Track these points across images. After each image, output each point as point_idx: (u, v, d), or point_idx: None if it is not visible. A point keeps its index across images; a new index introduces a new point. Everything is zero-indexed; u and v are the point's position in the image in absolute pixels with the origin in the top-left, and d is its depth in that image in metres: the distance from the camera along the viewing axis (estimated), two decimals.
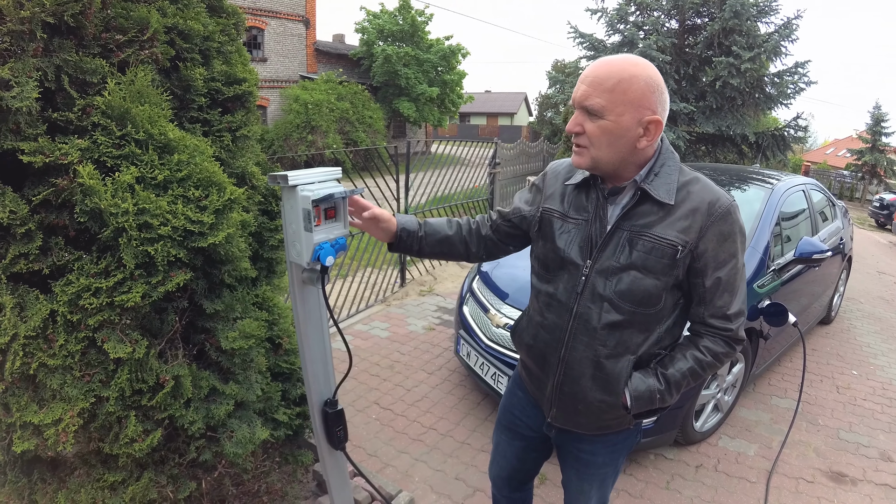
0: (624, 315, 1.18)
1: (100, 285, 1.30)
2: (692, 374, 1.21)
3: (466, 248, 1.43)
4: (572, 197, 1.27)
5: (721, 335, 1.20)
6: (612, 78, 1.08)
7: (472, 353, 2.99)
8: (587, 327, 1.21)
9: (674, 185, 1.15)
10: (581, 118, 1.13)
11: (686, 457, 2.75)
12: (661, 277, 1.15)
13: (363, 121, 15.00)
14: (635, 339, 1.20)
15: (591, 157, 1.15)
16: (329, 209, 1.44)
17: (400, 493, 2.33)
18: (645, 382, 1.21)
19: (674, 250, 1.13)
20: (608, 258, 1.18)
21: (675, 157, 1.20)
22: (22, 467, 1.61)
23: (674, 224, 1.14)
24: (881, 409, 3.38)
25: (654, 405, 1.23)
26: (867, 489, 2.58)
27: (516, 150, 6.54)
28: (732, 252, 1.16)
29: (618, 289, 1.17)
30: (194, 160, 1.45)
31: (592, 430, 1.34)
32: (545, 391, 1.35)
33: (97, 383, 1.39)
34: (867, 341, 4.54)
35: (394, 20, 18.92)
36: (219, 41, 1.82)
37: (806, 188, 3.91)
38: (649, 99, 1.09)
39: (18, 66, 1.26)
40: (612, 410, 1.26)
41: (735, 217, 1.15)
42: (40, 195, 1.32)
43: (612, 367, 1.21)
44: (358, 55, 19.20)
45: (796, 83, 10.24)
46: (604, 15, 11.18)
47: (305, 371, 1.77)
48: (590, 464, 1.40)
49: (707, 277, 1.16)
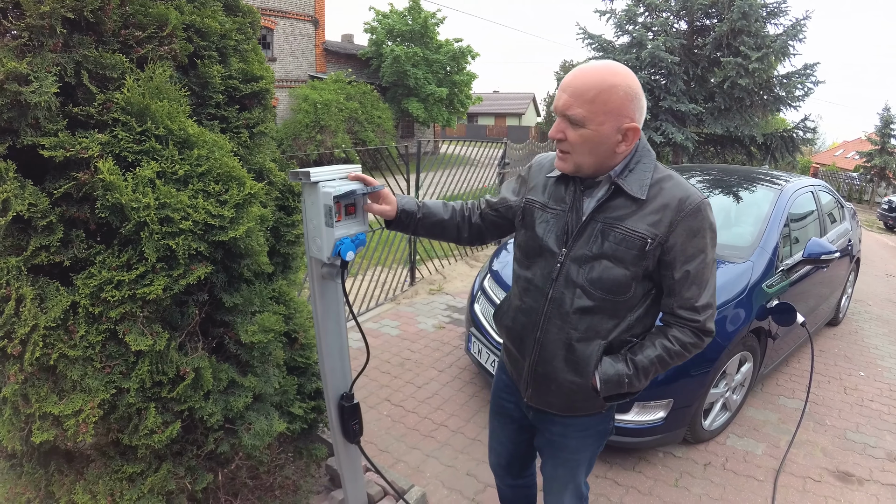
0: (594, 301, 1.25)
1: (122, 278, 1.32)
2: (660, 362, 1.27)
3: (458, 233, 1.51)
4: (552, 188, 1.34)
5: (689, 326, 1.26)
6: (593, 89, 1.13)
7: (484, 350, 3.00)
8: (560, 311, 1.28)
9: (647, 182, 1.21)
10: (563, 125, 1.19)
11: (695, 455, 2.75)
12: (630, 267, 1.22)
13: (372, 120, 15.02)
14: (605, 325, 1.27)
15: (573, 162, 1.22)
16: (349, 205, 1.47)
17: (412, 487, 2.34)
18: (614, 367, 1.27)
19: (643, 242, 1.20)
20: (582, 247, 1.25)
21: (651, 155, 1.26)
22: (39, 459, 1.63)
23: (644, 218, 1.20)
24: (888, 410, 3.36)
25: (622, 389, 1.29)
26: (874, 489, 2.57)
27: (525, 151, 6.55)
28: (701, 247, 1.21)
29: (590, 276, 1.24)
30: (213, 155, 1.47)
31: (564, 411, 1.40)
32: (522, 372, 1.42)
33: (117, 375, 1.41)
34: (875, 343, 4.51)
35: (403, 20, 18.93)
36: (236, 39, 1.84)
37: (814, 189, 3.90)
38: (628, 108, 1.15)
39: (37, 61, 1.28)
40: (581, 392, 1.32)
41: (705, 214, 1.21)
42: (61, 188, 1.34)
43: (582, 350, 1.28)
44: (367, 55, 19.24)
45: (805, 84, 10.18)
46: (612, 16, 11.19)
47: (322, 365, 1.79)
48: (563, 447, 1.46)
49: (676, 270, 1.22)
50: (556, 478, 1.51)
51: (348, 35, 21.76)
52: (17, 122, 1.28)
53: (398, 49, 17.85)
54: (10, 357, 1.35)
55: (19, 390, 1.36)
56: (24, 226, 1.34)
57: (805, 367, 3.76)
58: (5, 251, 1.32)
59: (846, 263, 4.36)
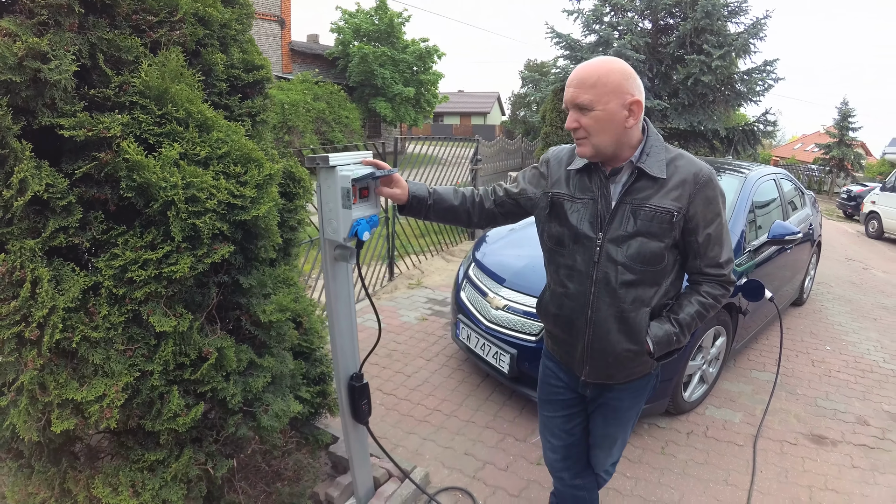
0: (636, 274, 1.38)
1: (149, 257, 1.32)
2: (698, 316, 1.44)
3: (468, 218, 1.59)
4: (576, 180, 1.45)
5: (717, 280, 1.43)
6: (593, 76, 1.28)
7: (473, 335, 3.08)
8: (608, 288, 1.40)
9: (663, 162, 1.36)
10: (576, 115, 1.32)
11: (677, 425, 2.92)
12: (663, 239, 1.36)
13: (340, 121, 14.86)
14: (648, 293, 1.41)
15: (591, 145, 1.33)
16: (363, 189, 1.53)
17: (415, 468, 2.39)
18: (662, 328, 1.42)
19: (670, 215, 1.34)
20: (616, 229, 1.38)
21: (660, 138, 1.41)
22: (49, 456, 1.58)
23: (668, 194, 1.35)
24: (854, 379, 3.65)
25: (672, 346, 1.44)
26: (847, 449, 2.81)
27: (496, 148, 6.71)
28: (717, 211, 1.38)
29: (629, 253, 1.37)
30: (231, 138, 1.49)
31: (622, 380, 1.52)
32: (575, 353, 1.52)
33: (139, 357, 1.40)
34: (839, 321, 4.86)
35: (370, 20, 18.82)
36: (235, 29, 1.85)
37: (776, 178, 4.18)
38: (625, 85, 1.28)
39: (56, 39, 1.27)
40: (637, 358, 1.46)
41: (715, 182, 1.37)
42: (82, 168, 1.32)
43: (633, 319, 1.40)
44: (334, 55, 19.04)
45: (765, 80, 10.68)
46: (580, 16, 11.40)
47: (334, 345, 1.83)
48: (617, 409, 1.59)
49: (699, 234, 1.37)
50: (607, 435, 1.64)
51: (314, 35, 21.47)
52: (33, 101, 1.26)
53: (365, 48, 17.74)
54: (27, 343, 1.31)
55: (36, 378, 1.33)
56: (41, 207, 1.31)
57: (773, 344, 4.03)
58: (21, 234, 1.30)
59: (808, 247, 4.68)
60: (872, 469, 2.64)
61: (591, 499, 1.81)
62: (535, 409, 3.01)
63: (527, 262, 3.18)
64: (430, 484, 2.42)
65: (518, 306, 2.90)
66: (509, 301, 2.95)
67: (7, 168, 1.25)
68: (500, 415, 2.98)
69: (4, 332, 1.26)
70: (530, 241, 3.57)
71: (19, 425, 1.35)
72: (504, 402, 3.09)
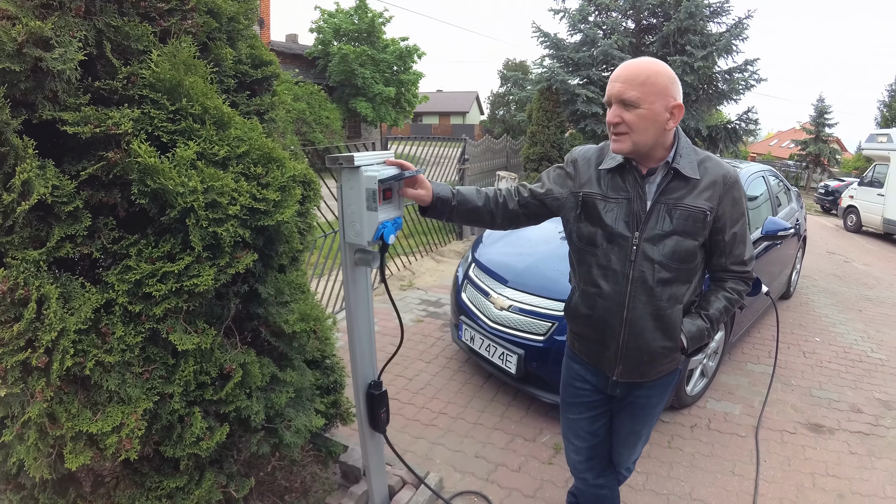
0: (672, 273, 1.39)
1: (169, 269, 1.20)
2: (725, 311, 1.48)
3: (492, 219, 1.56)
4: (608, 179, 1.44)
5: (741, 276, 1.47)
6: (643, 74, 1.28)
7: (477, 336, 3.02)
8: (645, 287, 1.40)
9: (695, 164, 1.38)
10: (619, 111, 1.31)
11: (681, 419, 2.95)
12: (697, 238, 1.38)
13: (320, 121, 14.51)
14: (681, 290, 1.43)
15: (632, 141, 1.32)
16: (387, 190, 1.45)
17: (428, 474, 2.32)
18: (695, 324, 1.45)
19: (704, 215, 1.37)
20: (653, 228, 1.38)
21: (688, 140, 1.42)
22: (55, 487, 1.42)
23: (701, 194, 1.37)
24: (845, 369, 3.77)
25: (703, 341, 1.47)
26: (844, 436, 2.89)
27: (482, 147, 6.68)
28: (742, 211, 1.43)
29: (665, 252, 1.38)
30: (250, 136, 1.37)
31: (653, 377, 1.52)
32: (607, 353, 1.49)
33: (157, 380, 1.28)
34: (825, 312, 5.02)
35: (350, 20, 18.46)
36: (243, 24, 1.73)
37: (765, 175, 4.28)
38: (671, 89, 1.29)
39: (61, 24, 1.13)
40: (671, 354, 1.47)
41: (740, 184, 1.42)
42: (88, 170, 1.18)
43: (670, 316, 1.42)
44: (313, 55, 18.61)
45: (747, 80, 10.83)
46: (566, 15, 11.32)
47: (353, 352, 1.74)
48: (646, 406, 1.59)
49: (726, 233, 1.41)
50: (633, 432, 1.64)
51: (293, 35, 20.94)
52: (33, 93, 1.12)
53: (346, 48, 17.39)
54: (33, 371, 1.17)
55: (45, 409, 1.19)
56: (45, 213, 1.17)
57: (765, 336, 4.14)
58: (23, 243, 1.15)
59: (795, 242, 4.81)
60: (870, 454, 2.73)
61: (612, 497, 1.81)
62: (541, 408, 2.98)
63: (529, 261, 3.14)
64: (445, 489, 2.35)
65: (523, 306, 2.85)
66: (514, 301, 2.91)
67: (7, 168, 1.10)
68: (506, 415, 2.93)
69: (7, 360, 1.11)
70: (529, 241, 3.55)
71: (28, 462, 1.21)
72: (510, 403, 3.05)
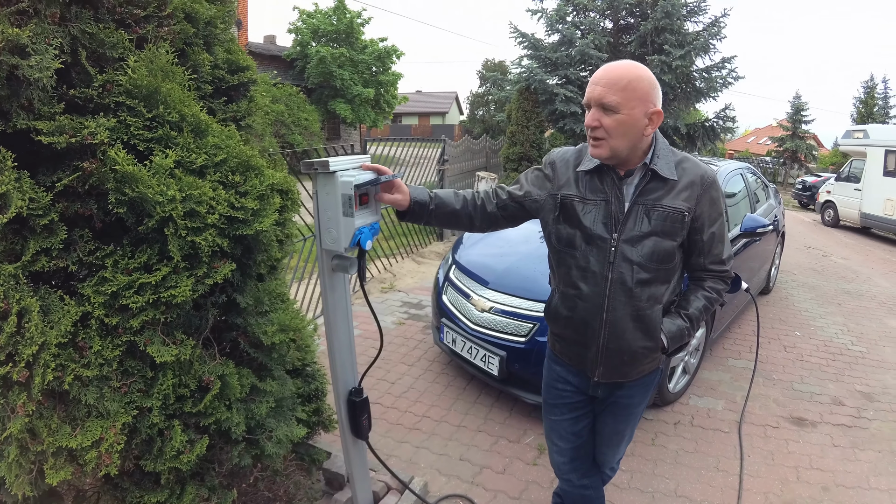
0: (651, 273, 1.40)
1: (146, 281, 1.18)
2: (705, 309, 1.51)
3: (470, 222, 1.56)
4: (586, 181, 1.44)
5: (720, 276, 1.50)
6: (624, 79, 1.27)
7: (459, 338, 3.03)
8: (624, 288, 1.40)
9: (672, 164, 1.39)
10: (598, 114, 1.30)
11: (664, 416, 3.00)
12: (675, 238, 1.39)
13: (299, 123, 14.37)
14: (660, 291, 1.44)
15: (609, 147, 1.32)
16: (363, 195, 1.44)
17: (413, 478, 2.32)
18: (675, 324, 1.46)
19: (682, 215, 1.38)
20: (631, 229, 1.39)
21: (665, 142, 1.43)
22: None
23: (678, 195, 1.38)
24: (826, 362, 3.86)
25: (683, 340, 1.48)
26: (826, 429, 2.96)
27: (461, 148, 6.70)
28: (720, 211, 1.44)
29: (643, 252, 1.38)
30: (227, 143, 1.36)
31: (634, 377, 1.54)
32: (588, 354, 1.51)
33: (136, 393, 1.25)
34: (805, 307, 5.13)
35: (328, 20, 18.33)
36: (219, 28, 1.70)
37: (743, 172, 4.37)
38: (651, 95, 1.30)
39: (38, 31, 1.10)
40: (651, 354, 1.49)
41: (718, 184, 1.43)
42: (63, 181, 1.16)
43: (649, 317, 1.43)
44: (292, 56, 18.45)
45: (725, 78, 10.98)
46: (543, 15, 11.34)
47: (332, 359, 1.74)
48: (628, 406, 1.61)
49: (705, 233, 1.43)
50: (616, 432, 1.65)
51: (270, 36, 20.76)
52: (8, 102, 1.09)
53: (324, 50, 17.26)
54: (13, 385, 1.14)
55: (26, 425, 1.15)
56: (20, 226, 1.14)
57: (746, 332, 4.22)
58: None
59: (773, 237, 4.92)
60: (853, 446, 2.80)
61: (597, 497, 1.82)
62: (524, 409, 3.00)
63: (509, 262, 3.16)
64: (430, 493, 2.35)
65: (504, 307, 2.87)
66: (495, 303, 2.92)
67: None
68: (490, 417, 2.94)
69: None
70: (509, 242, 3.57)
71: (9, 479, 1.18)
72: (493, 405, 3.06)
